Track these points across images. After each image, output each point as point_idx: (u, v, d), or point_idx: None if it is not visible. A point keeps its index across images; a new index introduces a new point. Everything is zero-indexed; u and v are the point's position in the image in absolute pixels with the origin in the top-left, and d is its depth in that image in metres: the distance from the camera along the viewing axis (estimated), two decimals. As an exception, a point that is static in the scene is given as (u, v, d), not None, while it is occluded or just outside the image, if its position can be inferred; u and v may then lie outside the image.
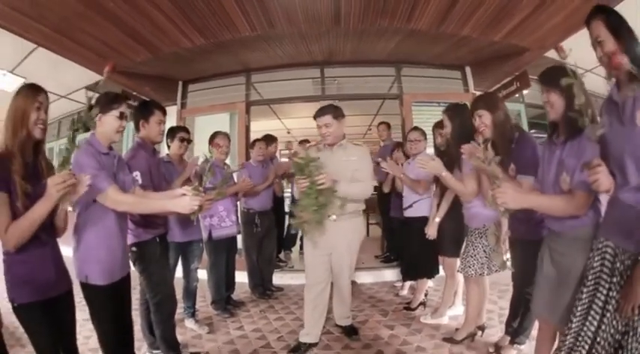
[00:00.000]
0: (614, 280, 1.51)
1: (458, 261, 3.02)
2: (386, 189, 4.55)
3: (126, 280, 2.25)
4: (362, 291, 4.44)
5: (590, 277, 1.61)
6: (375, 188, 6.56)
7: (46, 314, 1.83)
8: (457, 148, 2.50)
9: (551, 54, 4.39)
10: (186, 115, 5.66)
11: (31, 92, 1.79)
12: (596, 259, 1.60)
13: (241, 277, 4.31)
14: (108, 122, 2.14)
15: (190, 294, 3.52)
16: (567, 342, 1.67)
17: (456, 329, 3.06)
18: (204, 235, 3.59)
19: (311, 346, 2.99)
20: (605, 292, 1.54)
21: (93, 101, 1.99)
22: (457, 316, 3.34)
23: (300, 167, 2.74)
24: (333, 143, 2.98)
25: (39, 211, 1.66)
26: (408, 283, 4.24)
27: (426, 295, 3.80)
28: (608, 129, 1.56)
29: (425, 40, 4.40)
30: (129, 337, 2.35)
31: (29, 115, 1.75)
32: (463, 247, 2.91)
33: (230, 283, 4.01)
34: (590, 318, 1.59)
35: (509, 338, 2.72)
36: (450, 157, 2.86)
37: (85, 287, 2.02)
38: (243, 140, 5.26)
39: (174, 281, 2.94)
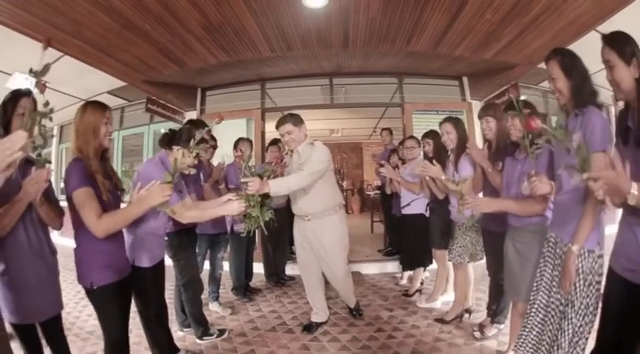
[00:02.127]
0: (557, 262, 1.93)
1: (446, 252, 3.48)
2: (388, 191, 4.98)
3: (162, 263, 2.63)
4: (366, 280, 4.90)
5: (542, 261, 2.05)
6: (378, 188, 7.02)
7: (118, 295, 2.10)
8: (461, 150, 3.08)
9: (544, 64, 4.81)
10: (206, 120, 6.06)
11: (100, 109, 2.03)
12: (545, 246, 2.04)
13: (257, 268, 4.73)
14: (182, 156, 2.48)
15: (215, 280, 3.96)
16: (528, 311, 2.11)
17: (447, 312, 3.50)
18: (228, 229, 4.03)
19: (321, 324, 3.43)
20: (550, 271, 1.98)
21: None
22: (449, 302, 3.69)
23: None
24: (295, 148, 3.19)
25: (135, 211, 1.93)
26: (406, 274, 4.65)
27: (422, 283, 4.24)
28: (556, 148, 2.03)
29: (423, 58, 4.87)
30: (164, 311, 2.74)
31: (99, 129, 2.01)
32: (452, 239, 3.33)
33: (248, 272, 4.44)
34: (541, 292, 2.03)
35: (490, 319, 3.12)
36: (439, 161, 3.35)
37: (134, 270, 2.31)
38: (259, 144, 5.67)
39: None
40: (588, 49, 1.75)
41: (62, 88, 5.53)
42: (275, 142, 5.12)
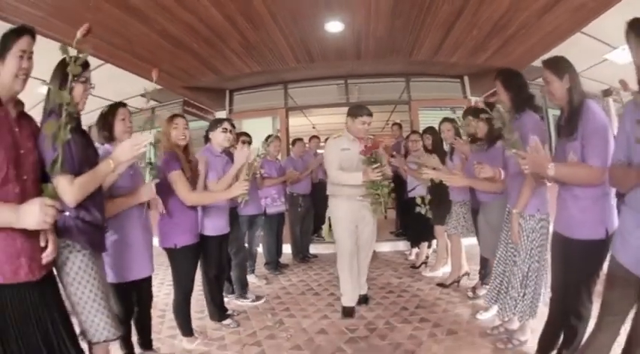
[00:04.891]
0: (509, 225, 2.56)
1: (444, 227, 4.12)
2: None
3: (226, 236, 3.21)
4: (379, 256, 5.60)
5: (503, 226, 2.70)
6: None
7: (192, 255, 2.73)
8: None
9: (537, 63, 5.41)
10: (234, 119, 6.64)
11: (168, 120, 2.71)
12: (505, 215, 2.68)
13: (284, 247, 5.34)
14: (217, 136, 3.16)
15: (252, 255, 4.58)
16: (494, 264, 2.82)
17: (446, 278, 4.17)
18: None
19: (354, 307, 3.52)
20: (506, 232, 2.64)
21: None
22: (449, 272, 4.27)
23: (378, 159, 3.16)
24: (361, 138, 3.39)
25: (222, 196, 2.68)
26: (414, 251, 5.32)
27: (427, 258, 4.93)
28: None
29: (426, 64, 5.56)
30: (223, 275, 3.40)
31: (170, 134, 2.67)
32: (449, 215, 3.96)
33: (278, 249, 5.09)
34: (501, 248, 2.71)
35: (480, 282, 3.75)
36: (438, 153, 4.03)
37: (201, 237, 2.87)
38: (285, 140, 6.28)
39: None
40: (580, 49, 2.00)
41: (97, 92, 6.04)
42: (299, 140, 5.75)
